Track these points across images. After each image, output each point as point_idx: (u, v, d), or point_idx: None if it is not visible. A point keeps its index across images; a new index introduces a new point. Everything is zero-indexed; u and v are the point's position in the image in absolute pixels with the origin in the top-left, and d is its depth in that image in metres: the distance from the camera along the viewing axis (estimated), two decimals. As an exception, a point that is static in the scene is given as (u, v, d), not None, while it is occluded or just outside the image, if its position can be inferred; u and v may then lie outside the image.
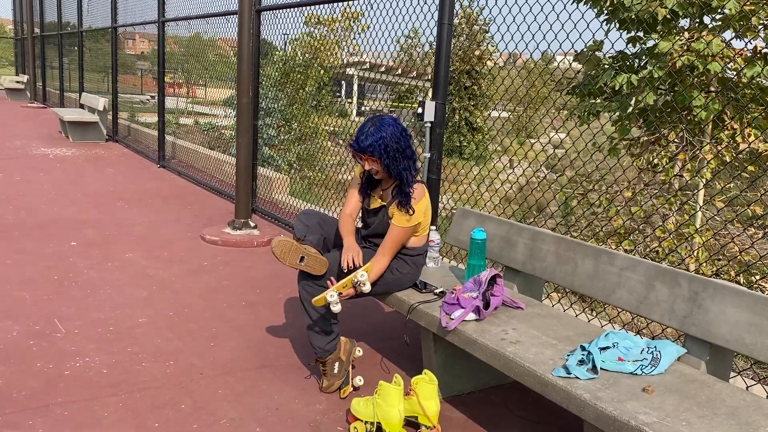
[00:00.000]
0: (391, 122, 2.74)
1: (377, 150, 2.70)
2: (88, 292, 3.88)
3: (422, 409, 2.43)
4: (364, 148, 2.72)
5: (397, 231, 2.79)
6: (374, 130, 2.71)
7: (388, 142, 2.70)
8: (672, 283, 2.39)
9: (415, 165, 2.81)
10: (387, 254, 2.81)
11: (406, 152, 2.76)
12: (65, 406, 2.57)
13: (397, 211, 2.79)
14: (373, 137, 2.70)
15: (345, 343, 2.90)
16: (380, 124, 2.72)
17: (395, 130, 2.73)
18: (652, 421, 1.85)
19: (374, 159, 2.75)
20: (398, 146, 2.72)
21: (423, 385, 2.45)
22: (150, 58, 30.48)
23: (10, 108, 16.64)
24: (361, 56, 14.72)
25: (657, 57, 6.55)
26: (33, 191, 6.64)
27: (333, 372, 2.82)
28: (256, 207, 6.27)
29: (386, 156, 2.72)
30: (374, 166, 2.78)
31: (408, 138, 2.78)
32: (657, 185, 7.40)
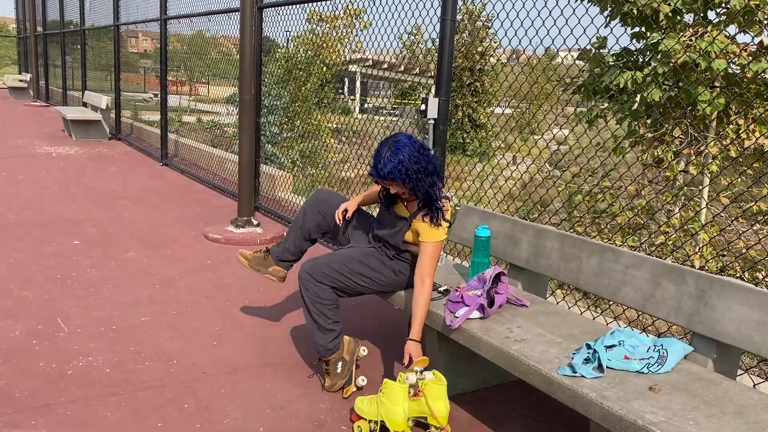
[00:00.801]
0: (406, 142, 2.63)
1: (398, 176, 2.60)
2: (90, 291, 3.87)
3: (431, 410, 2.40)
4: (384, 176, 2.63)
5: (431, 247, 2.69)
6: (391, 156, 2.60)
7: (408, 165, 2.59)
8: (678, 280, 2.37)
9: (440, 178, 2.73)
10: (427, 276, 2.67)
11: (428, 168, 2.64)
12: (67, 406, 2.56)
13: (426, 226, 2.70)
14: (392, 163, 2.59)
15: (348, 342, 2.87)
16: (395, 147, 2.61)
17: (411, 149, 2.62)
18: (659, 420, 1.83)
19: (398, 184, 2.67)
20: (418, 166, 2.61)
21: (432, 385, 2.41)
22: (153, 56, 30.51)
23: (13, 106, 16.66)
24: (364, 53, 14.69)
25: (661, 53, 6.51)
26: (36, 190, 6.64)
27: (336, 371, 2.81)
28: (259, 205, 6.25)
29: (408, 180, 2.61)
30: (399, 190, 2.70)
31: (426, 153, 2.67)
32: (662, 181, 7.37)
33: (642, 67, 6.85)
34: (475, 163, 4.21)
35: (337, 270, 2.77)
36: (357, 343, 2.91)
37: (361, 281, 2.82)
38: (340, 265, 2.78)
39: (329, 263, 2.78)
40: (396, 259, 2.89)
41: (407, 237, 2.82)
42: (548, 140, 3.17)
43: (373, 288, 2.88)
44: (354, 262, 2.81)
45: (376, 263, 2.85)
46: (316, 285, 2.76)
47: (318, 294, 2.75)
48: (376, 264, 2.85)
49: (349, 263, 2.80)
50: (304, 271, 2.77)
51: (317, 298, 2.75)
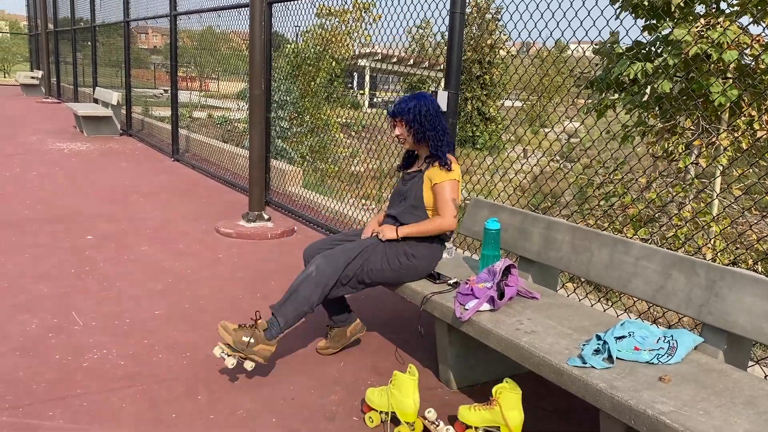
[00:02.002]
0: (427, 96, 2.94)
1: (407, 115, 2.90)
2: (104, 285, 3.91)
3: (505, 419, 2.32)
4: (395, 111, 2.93)
5: (441, 187, 2.88)
6: (409, 98, 2.93)
7: (418, 109, 2.89)
8: (689, 271, 2.37)
9: (447, 137, 2.95)
10: (447, 215, 2.87)
11: (436, 124, 2.91)
12: (83, 398, 2.60)
13: (437, 170, 2.89)
14: (407, 104, 2.91)
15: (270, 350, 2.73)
16: (416, 95, 2.93)
17: (429, 103, 2.92)
18: (669, 410, 1.83)
19: (402, 123, 2.94)
20: (427, 115, 2.89)
21: (506, 394, 2.33)
22: (163, 52, 30.58)
23: (26, 103, 16.79)
24: (373, 47, 14.68)
25: (672, 44, 6.47)
26: (49, 186, 6.71)
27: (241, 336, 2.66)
28: (269, 199, 6.28)
29: (414, 121, 2.90)
30: (402, 131, 2.96)
31: (441, 115, 2.95)
32: (673, 173, 7.33)
33: (653, 58, 6.81)
34: (485, 156, 4.22)
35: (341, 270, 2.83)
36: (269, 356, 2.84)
37: (366, 274, 2.88)
38: (344, 264, 2.83)
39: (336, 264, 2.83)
40: (408, 239, 2.94)
41: (425, 189, 2.94)
42: (558, 133, 3.16)
43: (384, 278, 2.93)
44: (359, 255, 2.87)
45: (380, 252, 2.91)
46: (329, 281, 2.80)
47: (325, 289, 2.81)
48: (380, 253, 2.90)
49: (353, 257, 2.86)
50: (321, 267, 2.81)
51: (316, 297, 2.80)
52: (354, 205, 5.60)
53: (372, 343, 3.30)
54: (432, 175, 2.92)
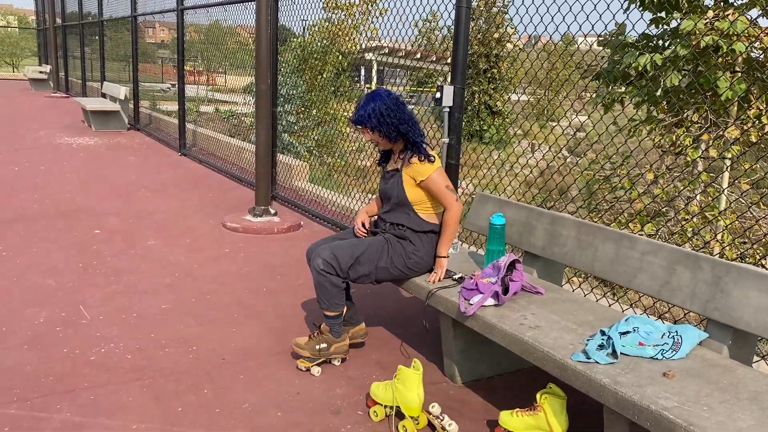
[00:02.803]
0: (383, 93, 2.87)
1: (370, 120, 2.84)
2: (111, 279, 3.94)
3: (550, 426, 2.28)
4: (356, 120, 2.88)
5: (431, 181, 2.84)
6: (365, 103, 2.87)
7: (378, 110, 2.82)
8: (694, 267, 2.36)
9: (415, 125, 2.90)
10: (453, 202, 2.85)
11: (403, 117, 2.86)
12: (91, 391, 2.62)
13: (417, 165, 2.85)
14: (364, 110, 2.85)
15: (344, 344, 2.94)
16: (371, 96, 2.87)
17: (387, 100, 2.85)
18: (673, 405, 1.83)
19: (368, 129, 2.89)
20: (388, 113, 2.83)
21: (551, 399, 2.30)
22: (170, 47, 30.61)
23: (34, 98, 16.87)
24: (380, 41, 14.64)
25: (680, 36, 6.42)
26: (57, 180, 6.75)
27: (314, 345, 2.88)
28: (276, 194, 6.30)
29: (380, 124, 2.84)
30: (373, 137, 2.93)
31: (402, 106, 2.89)
32: (680, 167, 7.29)
33: (661, 50, 6.76)
34: (491, 150, 4.22)
35: (341, 265, 2.84)
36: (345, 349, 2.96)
37: (370, 270, 2.89)
38: (344, 259, 2.84)
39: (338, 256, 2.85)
40: (406, 239, 2.93)
41: (408, 190, 2.89)
42: (564, 127, 3.16)
43: (393, 277, 2.95)
44: (364, 254, 2.88)
45: (378, 249, 2.91)
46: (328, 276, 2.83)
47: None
48: (379, 250, 2.91)
49: (352, 253, 2.86)
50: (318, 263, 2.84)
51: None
52: (361, 200, 5.61)
53: (377, 338, 3.31)
54: (414, 173, 2.86)
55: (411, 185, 2.89)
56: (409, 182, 2.89)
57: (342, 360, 3.00)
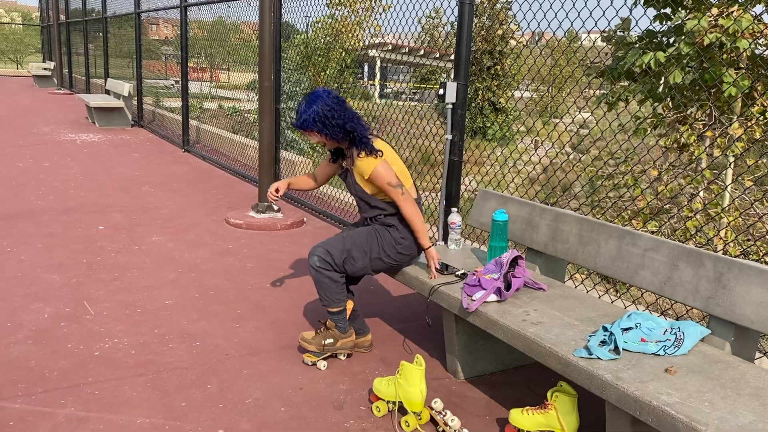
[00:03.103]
0: (321, 94, 2.81)
1: (313, 124, 2.79)
2: (116, 275, 3.96)
3: (561, 424, 2.28)
4: (300, 125, 2.82)
5: (376, 174, 2.80)
6: (306, 106, 2.80)
7: (321, 113, 2.77)
8: (696, 263, 2.36)
9: (358, 120, 2.85)
10: (399, 198, 2.82)
11: (345, 116, 2.81)
12: (95, 386, 2.64)
13: (364, 160, 2.82)
14: (306, 113, 2.79)
15: (350, 339, 2.96)
16: (311, 98, 2.80)
17: (327, 100, 2.79)
18: (674, 401, 1.84)
19: (314, 132, 2.83)
20: (332, 114, 2.78)
21: (562, 397, 2.29)
22: (174, 43, 30.61)
23: (38, 94, 16.90)
24: (383, 37, 14.63)
25: (684, 34, 6.41)
26: (61, 176, 6.77)
27: (320, 340, 2.90)
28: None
29: (323, 126, 2.79)
30: (320, 139, 2.87)
31: (343, 103, 2.83)
32: (684, 164, 7.28)
33: (664, 48, 6.75)
34: (494, 147, 4.21)
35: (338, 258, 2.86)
36: (352, 344, 2.99)
37: (363, 261, 2.90)
38: (340, 253, 2.85)
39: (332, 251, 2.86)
40: (392, 226, 2.93)
41: (363, 186, 2.89)
42: (567, 124, 3.16)
43: (386, 267, 2.96)
44: (353, 246, 2.89)
45: (368, 239, 2.92)
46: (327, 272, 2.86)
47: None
48: (369, 242, 2.91)
49: (348, 246, 2.88)
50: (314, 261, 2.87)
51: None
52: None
53: (379, 334, 3.32)
54: (361, 170, 2.84)
55: (363, 181, 2.89)
56: (360, 179, 2.89)
57: (348, 355, 3.02)
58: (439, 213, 4.01)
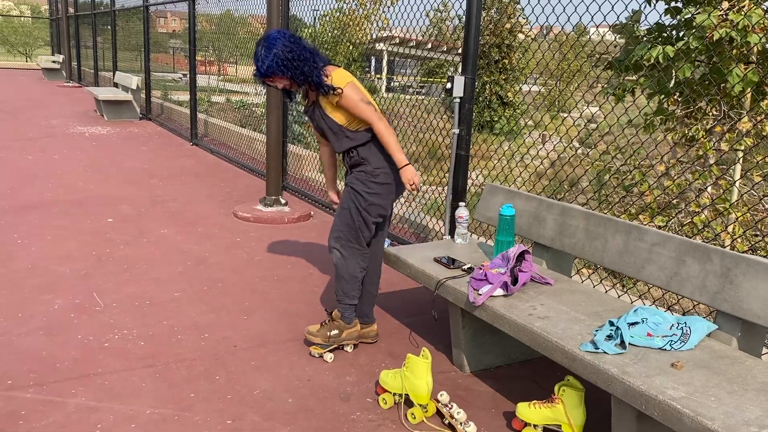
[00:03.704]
0: (277, 36, 2.73)
1: (277, 68, 2.71)
2: (124, 267, 3.99)
3: (568, 418, 2.29)
4: (265, 73, 2.74)
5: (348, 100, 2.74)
6: (266, 52, 2.71)
7: (282, 56, 2.70)
8: (703, 258, 2.36)
9: (318, 58, 2.77)
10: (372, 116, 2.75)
11: (303, 55, 2.73)
12: (105, 377, 2.67)
13: (327, 98, 2.78)
14: (269, 59, 2.70)
15: (355, 329, 2.99)
16: (267, 43, 2.72)
17: (284, 41, 2.72)
18: (681, 396, 1.85)
19: (280, 77, 2.77)
20: (293, 55, 2.71)
21: (569, 391, 2.30)
22: (182, 37, 30.68)
23: (47, 87, 16.97)
24: (391, 31, 14.60)
25: (694, 28, 6.37)
26: (71, 169, 6.81)
27: (326, 332, 2.93)
28: (286, 184, 6.33)
29: (287, 69, 2.72)
30: (284, 84, 2.80)
31: (299, 41, 2.76)
32: (692, 159, 7.25)
33: (673, 42, 6.71)
34: (501, 142, 4.20)
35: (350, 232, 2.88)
36: (357, 336, 3.01)
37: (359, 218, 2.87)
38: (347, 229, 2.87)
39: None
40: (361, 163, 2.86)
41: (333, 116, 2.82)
42: (575, 118, 3.15)
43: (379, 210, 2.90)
44: (347, 211, 2.88)
45: (349, 197, 2.88)
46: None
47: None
48: (355, 203, 2.87)
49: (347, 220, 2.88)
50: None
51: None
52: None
53: (386, 327, 3.33)
54: (329, 97, 2.78)
55: (332, 110, 2.81)
56: (328, 108, 2.82)
57: (354, 346, 3.04)
58: (446, 207, 4.02)
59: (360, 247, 2.91)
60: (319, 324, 3.00)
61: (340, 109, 2.80)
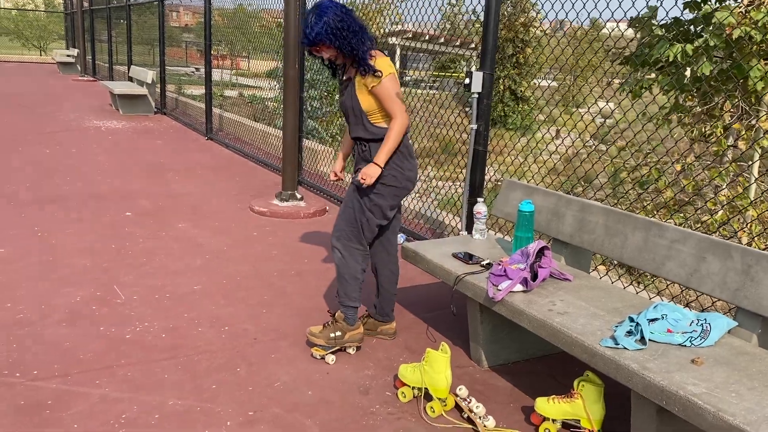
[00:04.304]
0: (330, 5, 2.71)
1: (326, 36, 2.68)
2: (144, 260, 4.03)
3: (587, 413, 2.31)
4: (313, 40, 2.70)
5: (383, 88, 2.72)
6: (316, 19, 2.68)
7: (333, 24, 2.67)
8: (724, 255, 2.36)
9: (366, 35, 2.75)
10: (398, 114, 2.73)
11: (353, 27, 2.71)
12: (128, 368, 2.71)
13: (364, 79, 2.75)
14: (318, 26, 2.67)
15: (358, 332, 2.95)
16: (320, 11, 2.69)
17: (336, 10, 2.70)
18: (701, 391, 1.86)
19: (327, 46, 2.74)
20: (343, 24, 2.68)
21: (588, 387, 2.32)
22: (195, 30, 30.76)
23: (62, 81, 17.10)
24: (404, 25, 14.58)
25: (713, 25, 6.32)
26: (88, 162, 6.88)
27: (328, 333, 2.90)
28: (301, 179, 6.36)
29: (335, 38, 2.69)
30: (331, 53, 2.77)
31: (350, 13, 2.74)
32: (710, 156, 7.20)
33: (692, 39, 6.66)
34: (519, 137, 4.20)
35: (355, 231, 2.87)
36: (360, 337, 2.97)
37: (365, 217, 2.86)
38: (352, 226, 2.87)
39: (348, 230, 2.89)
40: (366, 162, 2.86)
41: (360, 98, 2.79)
42: (594, 114, 3.15)
43: (384, 212, 2.89)
44: (352, 210, 2.88)
45: (354, 195, 2.88)
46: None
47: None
48: (360, 203, 2.86)
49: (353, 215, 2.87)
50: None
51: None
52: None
53: (404, 323, 3.36)
54: (366, 79, 2.76)
55: (364, 92, 2.78)
56: (361, 89, 2.79)
57: (357, 348, 3.01)
58: (463, 203, 4.03)
59: (361, 248, 2.89)
60: (322, 325, 2.98)
61: (371, 95, 2.78)
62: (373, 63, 2.74)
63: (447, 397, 2.51)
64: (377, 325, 3.13)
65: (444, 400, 2.50)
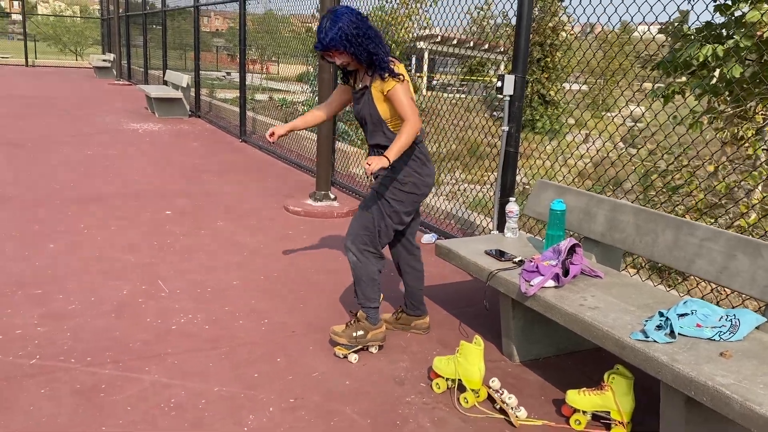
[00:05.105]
0: (345, 11, 2.72)
1: (340, 42, 2.69)
2: (185, 256, 4.19)
3: (617, 405, 2.37)
4: (327, 45, 2.72)
5: (394, 92, 2.73)
6: (331, 24, 2.69)
7: (347, 30, 2.68)
8: (754, 253, 2.42)
9: (381, 42, 2.77)
10: (410, 116, 2.72)
11: (368, 33, 2.72)
12: (175, 356, 2.85)
13: (384, 81, 2.76)
14: (332, 31, 2.68)
15: (380, 330, 2.99)
16: (334, 16, 2.70)
17: (351, 16, 2.71)
18: (729, 383, 1.92)
19: (341, 52, 2.75)
20: (358, 31, 2.69)
21: (619, 379, 2.38)
22: (226, 35, 31.21)
23: (99, 85, 17.55)
24: (432, 29, 14.68)
25: (744, 26, 6.30)
26: (127, 163, 7.10)
27: (351, 333, 2.94)
28: (334, 180, 6.49)
29: (350, 45, 2.70)
30: (344, 59, 2.79)
31: (365, 20, 2.74)
32: (741, 159, 7.16)
33: (723, 41, 6.64)
34: (550, 140, 4.25)
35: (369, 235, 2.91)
36: (383, 336, 3.02)
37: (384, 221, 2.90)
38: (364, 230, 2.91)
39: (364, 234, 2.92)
40: (384, 169, 2.87)
41: (378, 106, 2.81)
42: (625, 117, 3.21)
43: (402, 217, 2.94)
44: (368, 214, 2.91)
45: (374, 201, 2.92)
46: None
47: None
48: (378, 208, 2.90)
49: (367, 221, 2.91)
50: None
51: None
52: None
53: (437, 319, 3.45)
54: (382, 85, 2.77)
55: (380, 100, 2.80)
56: (378, 97, 2.80)
57: (379, 347, 3.02)
58: (494, 203, 4.11)
59: (376, 252, 2.93)
60: (345, 324, 3.00)
61: (387, 102, 2.80)
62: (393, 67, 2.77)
63: (480, 389, 2.60)
64: (411, 320, 3.23)
65: (477, 391, 2.59)
